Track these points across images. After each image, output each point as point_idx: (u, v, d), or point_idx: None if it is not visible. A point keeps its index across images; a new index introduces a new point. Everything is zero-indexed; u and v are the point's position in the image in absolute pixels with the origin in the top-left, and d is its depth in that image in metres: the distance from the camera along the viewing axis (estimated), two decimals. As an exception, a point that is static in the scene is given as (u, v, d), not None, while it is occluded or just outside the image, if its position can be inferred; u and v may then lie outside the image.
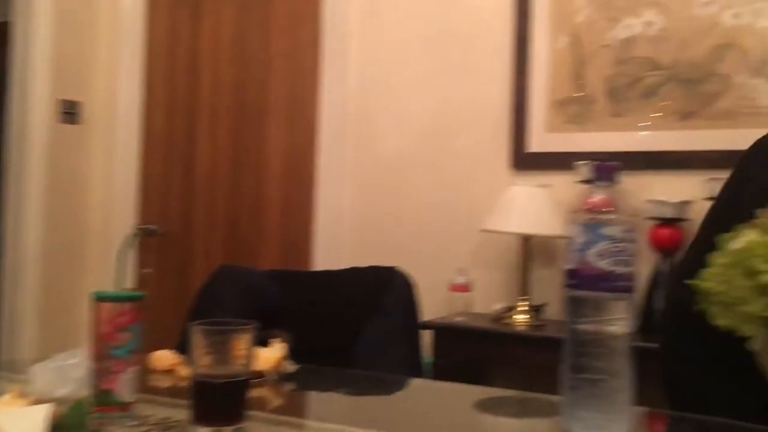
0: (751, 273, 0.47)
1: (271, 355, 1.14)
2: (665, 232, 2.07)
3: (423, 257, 2.48)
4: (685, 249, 1.07)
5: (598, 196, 0.95)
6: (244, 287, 1.56)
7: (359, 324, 1.66)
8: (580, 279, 0.93)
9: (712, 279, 0.51)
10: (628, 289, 0.93)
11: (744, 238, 0.50)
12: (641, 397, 0.95)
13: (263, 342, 1.18)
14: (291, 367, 1.16)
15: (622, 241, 0.92)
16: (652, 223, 2.12)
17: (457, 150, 2.52)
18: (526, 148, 2.42)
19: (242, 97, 2.82)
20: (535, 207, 2.18)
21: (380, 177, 2.63)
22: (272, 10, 2.78)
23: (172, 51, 2.94)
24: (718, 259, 0.51)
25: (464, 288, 2.29)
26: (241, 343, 0.88)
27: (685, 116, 2.19)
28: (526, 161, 2.42)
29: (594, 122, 2.32)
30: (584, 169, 2.18)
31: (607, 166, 0.96)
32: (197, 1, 2.90)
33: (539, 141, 2.41)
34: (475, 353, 2.20)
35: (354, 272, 1.78)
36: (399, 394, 1.28)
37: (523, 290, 2.21)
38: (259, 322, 1.55)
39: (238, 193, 2.81)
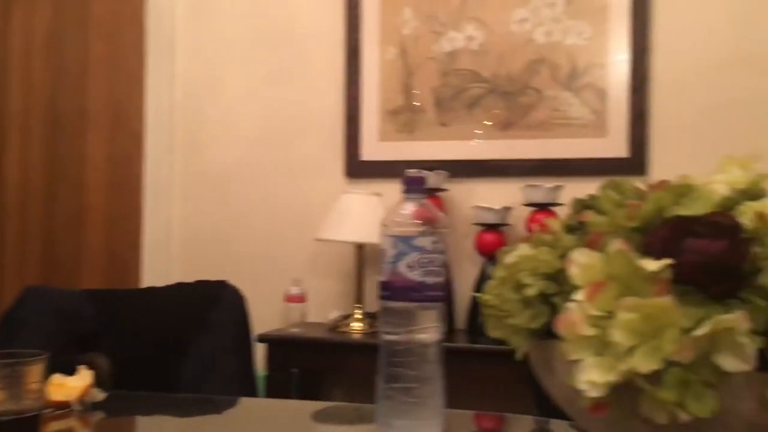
0: (519, 286, 0.50)
1: (76, 383, 1.07)
2: (489, 236, 2.18)
3: (258, 269, 2.45)
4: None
5: (409, 208, 0.98)
6: (53, 309, 1.46)
7: (186, 343, 1.60)
8: (392, 290, 0.96)
9: (489, 292, 0.53)
10: (437, 299, 0.96)
11: (516, 252, 0.53)
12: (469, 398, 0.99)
13: (74, 369, 1.10)
14: (100, 395, 1.09)
15: (431, 252, 0.96)
16: (478, 228, 2.22)
17: (290, 158, 2.51)
18: (360, 157, 2.46)
19: (58, 103, 2.63)
20: (368, 215, 2.22)
21: (211, 186, 2.56)
22: (91, 9, 2.62)
23: (-23, 51, 2.69)
24: (496, 273, 0.54)
25: (299, 298, 2.29)
26: (33, 374, 0.81)
27: (505, 126, 2.32)
28: (359, 169, 2.45)
29: (423, 131, 2.40)
30: (414, 178, 2.24)
31: (416, 178, 0.99)
32: (6, -2, 2.68)
33: (372, 149, 2.46)
34: (312, 364, 2.20)
35: (179, 288, 1.72)
36: (228, 414, 1.25)
37: (358, 298, 2.24)
38: (72, 346, 1.45)
39: (54, 207, 2.62)
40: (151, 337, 1.60)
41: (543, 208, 2.10)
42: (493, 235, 2.17)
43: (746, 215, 0.44)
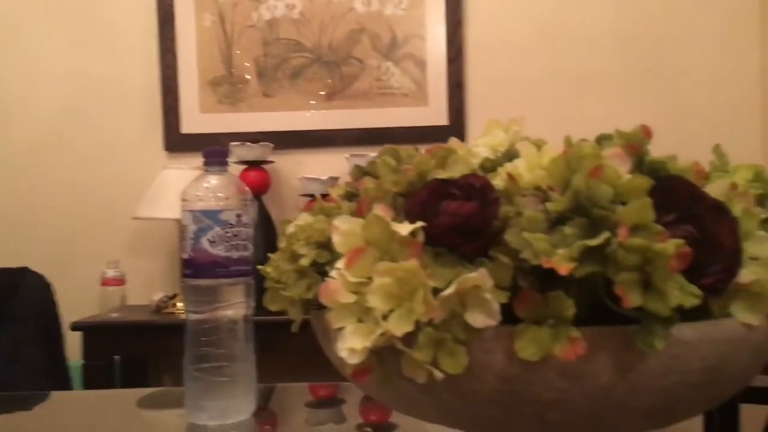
0: (294, 257, 0.49)
1: None
2: (316, 208, 2.18)
3: (69, 252, 2.29)
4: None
5: (210, 181, 0.95)
6: None
7: (-19, 337, 1.47)
8: (194, 267, 0.92)
9: (270, 265, 0.52)
10: (244, 274, 0.94)
11: (296, 222, 0.52)
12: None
13: None
14: None
15: (236, 225, 0.94)
16: (306, 200, 2.22)
17: (103, 133, 2.36)
18: (180, 130, 2.36)
19: None
20: (190, 190, 2.13)
21: (12, 166, 2.34)
22: None
23: None
24: (280, 242, 0.53)
25: (117, 281, 2.17)
26: None
27: (329, 97, 2.32)
28: (180, 143, 2.35)
29: (246, 102, 2.34)
30: (239, 150, 2.19)
31: (218, 151, 0.96)
32: None
33: (193, 122, 2.36)
34: (136, 350, 2.10)
35: (-27, 278, 1.56)
36: (39, 409, 1.15)
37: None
38: None
39: None
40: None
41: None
42: (320, 207, 2.18)
43: (501, 176, 0.45)
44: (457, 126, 2.27)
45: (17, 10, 2.34)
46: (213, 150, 0.96)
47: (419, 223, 0.41)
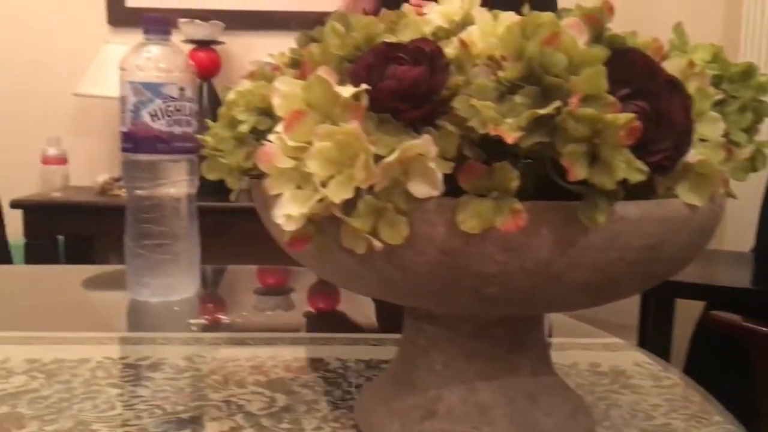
0: (233, 123, 0.46)
1: None
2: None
3: (6, 130, 2.19)
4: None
5: (151, 52, 0.90)
6: None
7: None
8: (134, 142, 0.89)
9: (209, 133, 0.49)
10: (187, 150, 0.91)
11: (237, 89, 0.49)
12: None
13: None
14: None
15: (178, 99, 0.89)
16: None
17: (43, 3, 2.21)
18: (125, 3, 2.23)
19: None
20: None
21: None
22: None
23: None
24: (219, 112, 0.50)
25: (59, 160, 2.10)
26: None
27: (284, -25, 2.21)
28: (124, 17, 2.23)
29: (196, -23, 2.22)
30: (187, 28, 2.09)
31: (159, 19, 0.90)
32: None
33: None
34: (81, 230, 2.07)
35: None
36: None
37: (128, 159, 2.10)
38: None
39: None
40: None
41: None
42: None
43: (453, 44, 0.43)
44: (416, 13, 2.19)
45: None
46: (153, 17, 0.90)
47: (363, 86, 0.39)
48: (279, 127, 0.40)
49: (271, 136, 0.41)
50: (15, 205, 1.90)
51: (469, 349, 0.49)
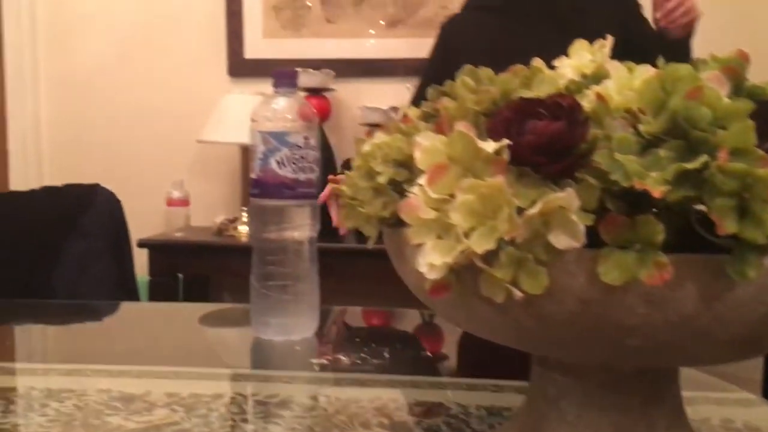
0: (371, 174, 0.49)
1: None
2: (377, 137, 2.17)
3: (136, 172, 2.35)
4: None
5: (279, 103, 0.95)
6: None
7: (56, 249, 1.53)
8: (263, 188, 0.94)
9: (345, 183, 0.52)
10: (310, 196, 0.95)
11: (372, 141, 0.51)
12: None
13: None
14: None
15: (303, 148, 0.94)
16: (365, 129, 2.21)
17: (169, 55, 2.37)
18: (243, 55, 2.36)
19: None
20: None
21: (82, 85, 2.39)
22: None
23: None
24: (355, 162, 0.53)
25: (182, 202, 2.22)
26: None
27: (393, 24, 2.28)
28: (243, 68, 2.36)
29: (309, 28, 2.32)
30: (301, 77, 2.18)
31: (287, 72, 0.96)
32: None
33: (256, 47, 2.36)
34: (199, 269, 2.17)
35: (47, 192, 1.62)
36: (109, 319, 1.21)
37: (244, 201, 2.20)
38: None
39: None
40: (17, 243, 1.51)
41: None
42: (381, 136, 2.17)
43: (588, 97, 0.44)
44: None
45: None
46: (283, 72, 0.96)
47: (505, 141, 0.40)
48: (421, 180, 0.42)
49: (413, 188, 0.43)
50: (141, 244, 2.02)
51: (602, 400, 0.48)
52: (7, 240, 1.50)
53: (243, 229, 2.18)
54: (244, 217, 2.20)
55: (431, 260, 0.41)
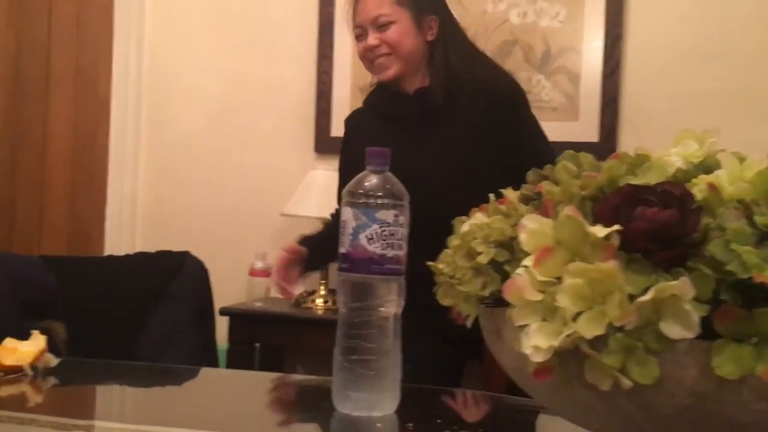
0: (471, 254, 0.49)
1: (29, 348, 1.05)
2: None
3: (222, 241, 2.42)
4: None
5: (371, 181, 0.97)
6: (8, 275, 1.43)
7: (145, 312, 1.59)
8: (351, 263, 0.95)
9: (443, 261, 0.53)
10: (397, 272, 0.96)
11: (471, 221, 0.53)
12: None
13: (28, 335, 1.08)
14: (53, 360, 1.07)
15: (393, 225, 0.95)
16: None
17: (258, 131, 2.48)
18: (330, 133, 2.44)
19: (21, 67, 2.56)
20: (336, 192, 2.21)
21: (176, 157, 2.52)
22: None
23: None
24: (451, 241, 0.54)
25: (264, 273, 2.27)
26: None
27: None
28: (329, 145, 2.43)
29: (395, 109, 2.39)
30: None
31: (380, 151, 0.98)
32: (-32, -46, 2.59)
33: (342, 125, 2.43)
34: (275, 339, 2.20)
35: (141, 258, 1.70)
36: (188, 384, 1.24)
37: (323, 274, 2.23)
38: (27, 312, 1.42)
39: (15, 173, 2.56)
40: (109, 306, 1.58)
41: None
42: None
43: (698, 187, 0.44)
44: (608, 143, 2.19)
45: (192, 6, 2.52)
46: (376, 150, 0.98)
47: (616, 227, 0.40)
48: (527, 261, 0.43)
49: (518, 270, 0.43)
50: (223, 312, 2.07)
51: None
52: (100, 302, 1.57)
53: (320, 302, 2.20)
54: (322, 290, 2.22)
55: (536, 342, 0.41)
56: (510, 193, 0.59)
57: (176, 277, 1.65)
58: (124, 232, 2.47)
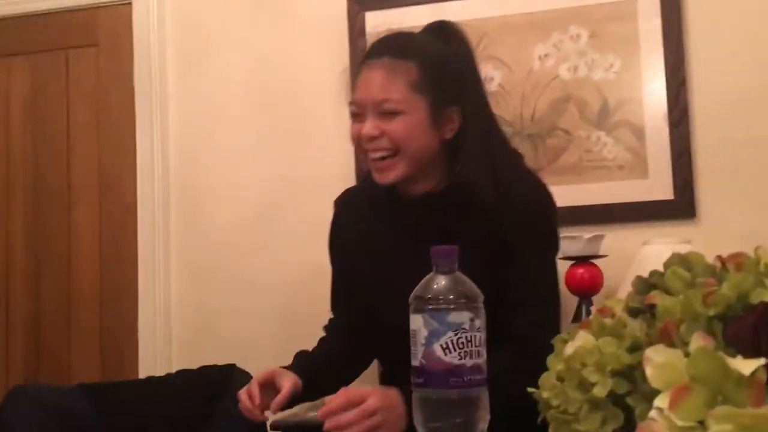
0: (584, 384, 0.48)
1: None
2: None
3: (271, 348, 2.41)
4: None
5: (440, 282, 0.97)
6: (44, 410, 1.44)
7: (192, 436, 1.58)
8: (427, 376, 0.94)
9: (548, 388, 0.52)
10: (478, 384, 0.94)
11: (575, 342, 0.52)
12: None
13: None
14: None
15: (469, 330, 0.94)
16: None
17: (301, 222, 2.49)
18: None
19: (41, 173, 2.65)
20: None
21: (212, 259, 2.54)
22: (72, 71, 2.66)
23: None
24: (553, 364, 0.53)
25: (315, 378, 2.25)
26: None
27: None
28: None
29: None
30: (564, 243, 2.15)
31: (447, 250, 0.98)
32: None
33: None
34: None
35: (183, 377, 1.70)
36: None
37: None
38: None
39: (40, 288, 2.62)
40: (154, 433, 1.58)
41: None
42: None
43: (843, 296, 0.42)
44: (684, 200, 2.17)
45: (217, 98, 2.58)
46: (443, 250, 0.98)
47: (762, 361, 0.39)
48: (659, 402, 0.42)
49: (652, 412, 0.42)
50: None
51: None
52: (146, 428, 1.57)
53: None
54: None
55: (685, 499, 0.39)
56: (614, 305, 0.58)
57: (223, 394, 1.65)
58: (160, 345, 2.49)
